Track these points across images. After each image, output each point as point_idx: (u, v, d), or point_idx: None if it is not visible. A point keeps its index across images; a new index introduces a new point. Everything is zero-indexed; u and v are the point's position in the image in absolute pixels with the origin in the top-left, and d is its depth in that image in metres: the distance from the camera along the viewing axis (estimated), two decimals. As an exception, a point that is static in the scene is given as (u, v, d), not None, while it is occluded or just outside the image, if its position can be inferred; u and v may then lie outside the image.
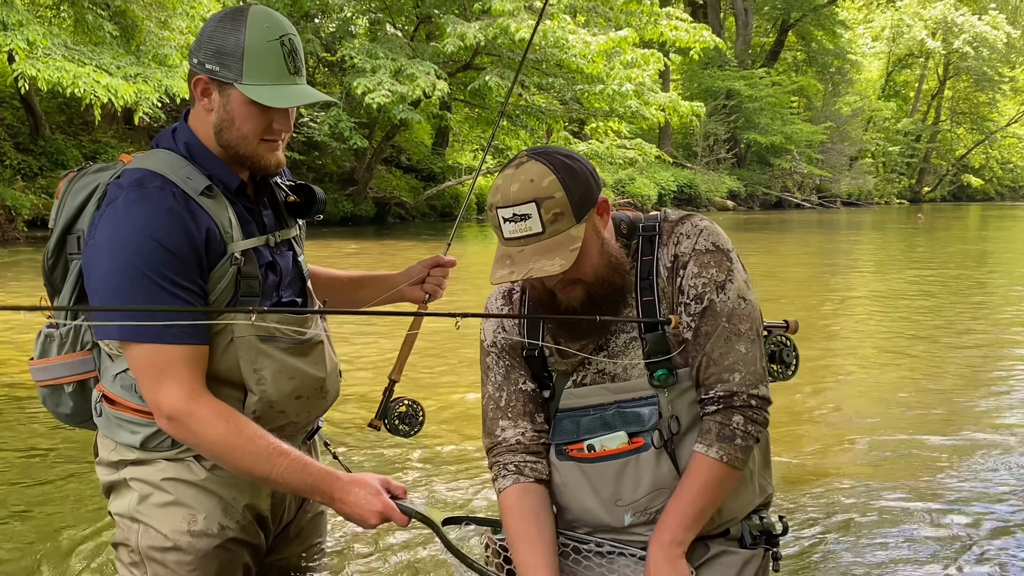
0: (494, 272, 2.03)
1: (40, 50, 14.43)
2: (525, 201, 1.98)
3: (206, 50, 2.06)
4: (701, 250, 2.13)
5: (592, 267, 2.07)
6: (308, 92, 2.10)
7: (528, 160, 2.03)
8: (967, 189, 64.56)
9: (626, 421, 2.15)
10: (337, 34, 24.98)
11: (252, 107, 2.05)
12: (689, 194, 37.06)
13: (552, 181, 1.99)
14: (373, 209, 26.00)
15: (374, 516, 2.02)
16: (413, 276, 2.63)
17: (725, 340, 2.10)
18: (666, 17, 24.26)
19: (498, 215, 2.02)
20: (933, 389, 6.65)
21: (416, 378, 6.39)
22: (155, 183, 2.03)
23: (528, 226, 1.98)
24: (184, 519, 2.11)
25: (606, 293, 2.11)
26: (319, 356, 2.23)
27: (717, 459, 2.06)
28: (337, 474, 2.06)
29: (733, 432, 2.08)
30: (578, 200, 2.01)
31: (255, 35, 2.02)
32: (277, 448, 2.01)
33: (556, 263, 1.97)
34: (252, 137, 2.09)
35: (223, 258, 2.06)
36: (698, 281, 2.12)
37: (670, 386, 2.14)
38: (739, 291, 2.13)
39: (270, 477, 2.01)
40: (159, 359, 1.98)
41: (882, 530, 3.92)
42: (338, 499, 2.04)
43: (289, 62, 2.06)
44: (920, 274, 15.19)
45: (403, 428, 2.44)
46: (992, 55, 55.24)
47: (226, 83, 2.05)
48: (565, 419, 2.22)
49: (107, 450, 2.19)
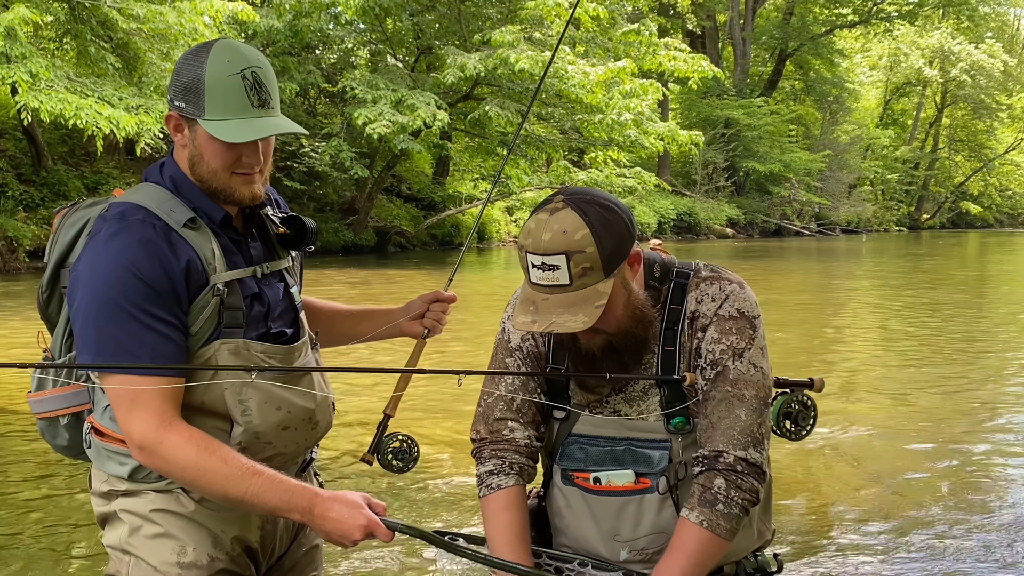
0: (516, 315, 2.01)
1: (43, 82, 14.54)
2: (556, 252, 1.94)
3: (174, 86, 2.07)
4: (724, 316, 2.10)
5: (616, 320, 2.05)
6: (271, 124, 2.07)
7: (564, 207, 1.98)
8: (966, 216, 64.62)
9: (636, 460, 2.14)
10: (338, 65, 25.16)
11: (217, 142, 2.05)
12: (688, 222, 37.13)
13: (585, 235, 1.95)
14: (374, 238, 26.06)
15: (358, 531, 1.97)
16: (412, 311, 2.62)
17: (727, 405, 2.07)
18: (664, 47, 24.43)
19: (527, 259, 1.99)
20: (936, 421, 6.64)
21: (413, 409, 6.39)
22: (137, 216, 2.05)
23: (556, 276, 1.96)
24: (173, 551, 2.10)
25: (627, 344, 2.10)
26: (308, 386, 2.22)
27: (697, 524, 2.02)
28: (316, 490, 2.02)
29: (715, 496, 2.03)
30: (609, 255, 1.97)
31: (215, 70, 2.02)
32: (251, 468, 1.98)
33: (579, 319, 1.95)
34: (222, 171, 2.09)
35: (204, 289, 2.06)
36: (716, 347, 2.09)
37: (685, 434, 2.13)
38: (752, 358, 2.10)
39: (245, 498, 1.97)
40: (131, 390, 1.98)
41: (884, 552, 3.91)
42: (318, 515, 1.98)
43: (252, 95, 2.03)
44: (922, 301, 15.18)
45: (396, 464, 2.42)
46: (989, 83, 55.48)
47: (192, 119, 2.06)
48: (574, 445, 2.21)
49: (99, 481, 2.20)
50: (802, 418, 2.36)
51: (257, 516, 2.21)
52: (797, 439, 2.37)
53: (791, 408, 2.35)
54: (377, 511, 2.02)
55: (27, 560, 3.90)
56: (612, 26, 24.58)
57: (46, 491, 4.80)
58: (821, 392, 2.39)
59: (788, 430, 2.36)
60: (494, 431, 2.25)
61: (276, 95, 2.13)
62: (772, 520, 2.33)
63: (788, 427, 2.36)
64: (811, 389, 2.40)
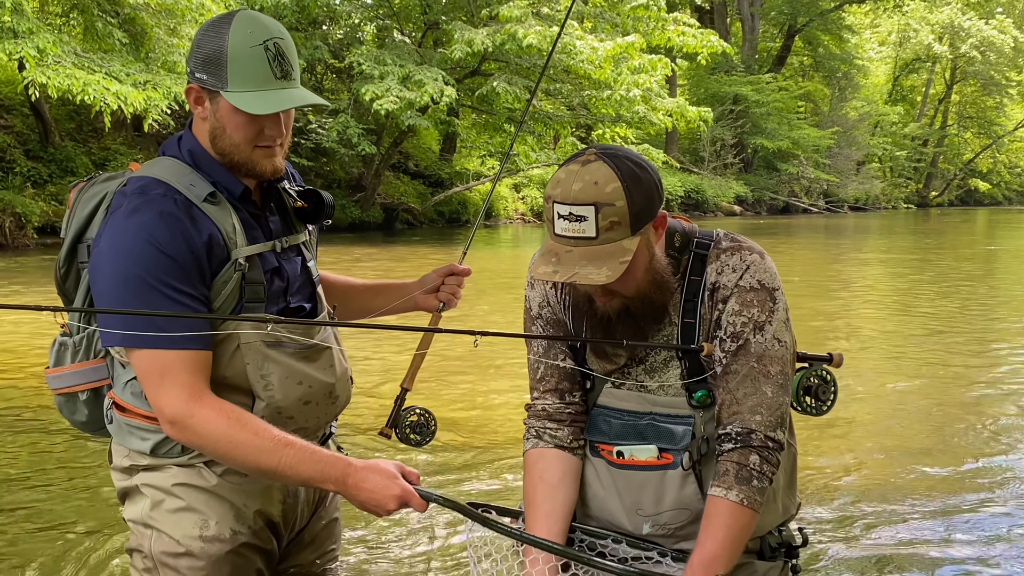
0: (537, 266, 1.98)
1: (50, 58, 14.49)
2: (585, 203, 1.91)
3: (195, 58, 2.06)
4: (745, 287, 2.07)
5: (635, 283, 2.02)
6: (295, 95, 2.07)
7: (596, 160, 1.95)
8: (975, 193, 64.35)
9: (659, 435, 2.13)
10: (345, 41, 25.03)
11: (240, 115, 2.04)
12: (696, 199, 37.01)
13: (616, 188, 1.92)
14: (381, 215, 26.03)
15: (392, 501, 1.97)
16: (427, 284, 2.62)
17: (752, 381, 2.06)
18: (673, 23, 24.24)
19: (554, 209, 1.95)
20: (949, 398, 6.64)
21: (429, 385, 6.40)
22: (157, 190, 2.04)
23: (582, 228, 1.92)
24: (196, 524, 2.12)
25: (645, 309, 2.07)
26: (328, 361, 2.23)
27: (738, 503, 2.00)
28: (350, 460, 2.02)
29: (750, 473, 2.02)
30: (638, 212, 1.94)
31: (238, 41, 2.01)
32: (283, 439, 1.99)
33: (603, 273, 1.91)
34: (244, 144, 2.08)
35: (226, 264, 2.06)
36: (737, 320, 2.07)
37: (708, 408, 2.12)
38: (776, 332, 2.08)
39: (278, 469, 1.98)
40: (160, 364, 1.98)
41: (897, 541, 3.92)
42: (352, 485, 1.99)
43: (275, 66, 2.03)
44: (932, 278, 15.14)
45: (414, 437, 2.43)
46: (999, 59, 55.07)
47: (214, 91, 2.05)
48: (599, 416, 2.20)
49: (120, 456, 2.21)
50: (823, 393, 2.34)
51: (279, 490, 2.22)
52: (818, 414, 2.35)
53: (811, 383, 2.33)
54: (411, 480, 2.03)
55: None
56: (621, 1, 24.39)
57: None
58: (840, 367, 2.38)
59: (809, 406, 2.34)
60: (529, 402, 2.29)
61: (297, 67, 2.13)
62: (797, 494, 2.32)
63: (809, 403, 2.34)
64: (831, 364, 2.38)
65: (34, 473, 4.66)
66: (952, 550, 3.78)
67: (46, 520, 4.02)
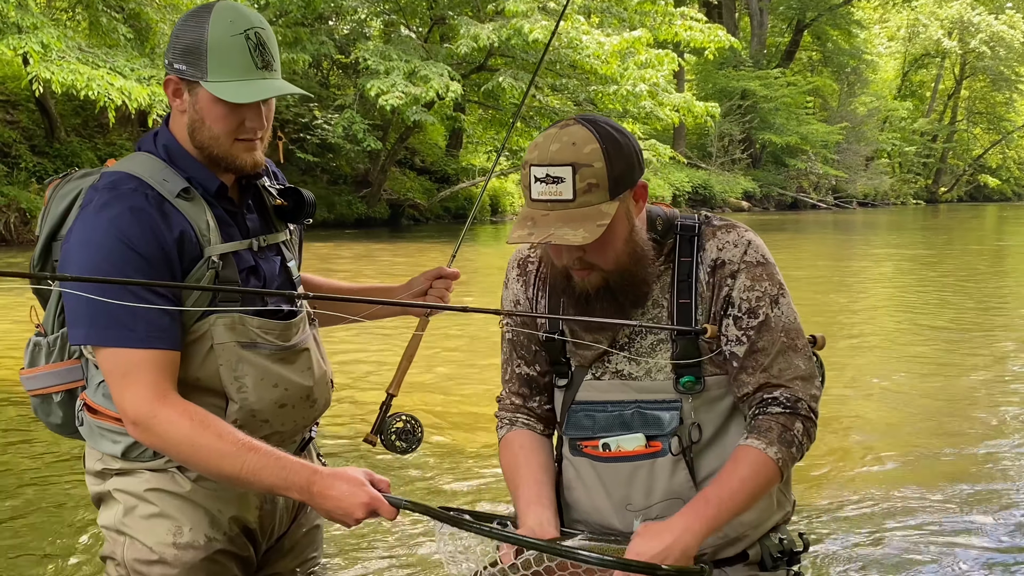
0: (512, 231, 1.92)
1: (54, 53, 14.49)
2: (562, 163, 1.87)
3: (174, 49, 2.02)
4: (752, 262, 2.05)
5: (615, 254, 1.97)
6: (277, 85, 2.03)
7: (575, 124, 1.92)
8: (984, 189, 64.07)
9: (645, 423, 2.07)
10: (351, 36, 24.99)
11: (220, 105, 1.99)
12: (704, 195, 36.91)
13: (595, 149, 1.88)
14: (387, 211, 26.00)
15: (360, 509, 1.90)
16: (415, 288, 2.57)
17: (784, 356, 2.03)
18: (680, 17, 24.15)
19: (531, 172, 1.91)
20: (954, 393, 6.57)
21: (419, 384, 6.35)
22: (129, 185, 2.00)
23: (559, 190, 1.88)
24: (169, 531, 2.06)
25: (624, 284, 2.01)
26: (305, 363, 2.17)
27: (774, 460, 1.96)
28: (315, 467, 1.96)
29: (793, 438, 1.99)
30: (616, 176, 1.90)
31: (218, 30, 1.96)
32: (247, 444, 1.93)
33: (579, 234, 1.86)
34: (224, 137, 2.03)
35: (199, 262, 2.01)
36: (751, 295, 2.04)
37: (696, 393, 2.05)
38: (790, 304, 2.08)
39: (241, 475, 1.92)
40: (124, 363, 1.93)
41: (902, 539, 3.87)
42: (318, 493, 1.92)
43: (256, 56, 1.98)
44: (939, 275, 15.06)
45: (400, 444, 2.36)
46: (1009, 54, 54.79)
47: (193, 82, 2.00)
48: (581, 412, 2.13)
49: (93, 460, 2.16)
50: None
51: (256, 496, 2.16)
52: None
53: None
54: (380, 487, 1.96)
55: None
56: (628, -4, 24.30)
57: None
58: (823, 349, 2.33)
59: None
60: (500, 396, 2.30)
61: (278, 58, 2.08)
62: (791, 492, 2.25)
63: None
64: (814, 347, 2.32)
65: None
66: (960, 551, 3.72)
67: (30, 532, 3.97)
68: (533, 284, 2.20)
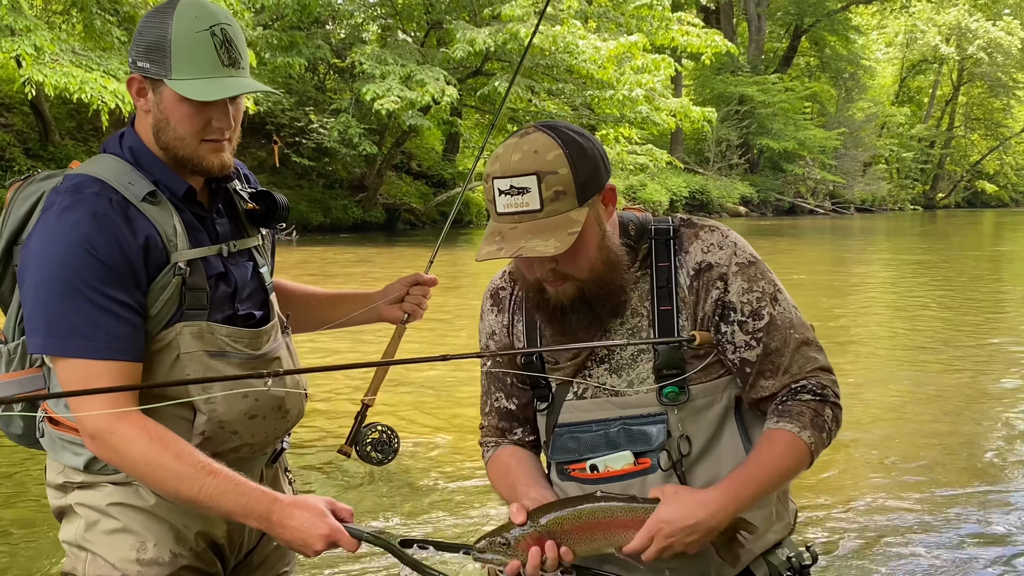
0: (481, 249, 1.83)
1: (47, 55, 14.42)
2: (525, 173, 1.80)
3: (137, 47, 1.93)
4: (744, 263, 1.97)
5: (588, 261, 1.88)
6: (244, 83, 1.94)
7: (535, 131, 1.85)
8: (981, 195, 64.11)
9: (632, 439, 1.97)
10: (348, 40, 24.96)
11: (185, 104, 1.91)
12: (701, 200, 36.87)
13: (558, 155, 1.81)
14: (383, 215, 25.94)
15: (320, 541, 1.83)
16: (391, 295, 2.49)
17: (799, 351, 1.97)
18: (677, 22, 24.14)
19: (494, 186, 1.83)
20: (957, 396, 6.52)
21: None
22: (91, 189, 1.91)
23: (525, 201, 1.80)
24: (133, 547, 1.98)
25: (600, 293, 1.92)
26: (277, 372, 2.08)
27: (807, 443, 1.90)
28: (276, 495, 1.88)
29: (824, 423, 1.94)
30: (583, 181, 1.82)
31: (183, 26, 1.88)
32: (207, 467, 1.84)
33: (551, 244, 1.78)
34: (190, 137, 1.94)
35: (165, 268, 1.93)
36: (751, 296, 1.96)
37: (681, 404, 1.96)
38: (789, 300, 2.01)
39: (198, 499, 1.84)
40: (83, 375, 1.85)
41: (898, 544, 3.82)
42: (277, 523, 1.84)
43: (222, 53, 1.90)
44: (938, 280, 15.01)
45: (375, 456, 2.28)
46: (1006, 60, 54.87)
47: (157, 80, 1.92)
48: (565, 435, 2.04)
49: (54, 472, 2.07)
50: None
51: (223, 511, 2.08)
52: None
53: None
54: (342, 517, 1.88)
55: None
56: (624, 0, 24.28)
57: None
58: None
59: None
60: (482, 424, 2.23)
61: (246, 55, 1.99)
62: (791, 501, 2.12)
63: None
64: None
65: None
66: (960, 551, 3.66)
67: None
68: (508, 310, 2.13)
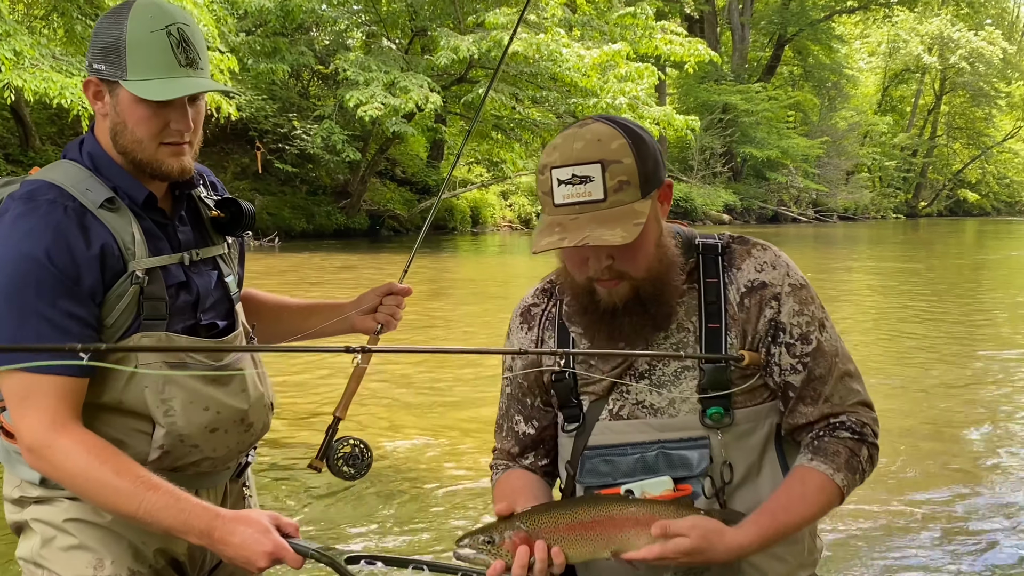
0: (537, 240, 1.74)
1: (27, 60, 14.30)
2: (589, 161, 1.71)
3: (93, 49, 1.90)
4: (796, 285, 1.90)
5: (647, 259, 1.79)
6: (202, 83, 1.90)
7: (594, 122, 1.78)
8: (963, 204, 64.49)
9: (671, 465, 1.85)
10: (331, 47, 24.90)
11: (142, 106, 1.87)
12: (685, 208, 36.91)
13: (622, 145, 1.73)
14: (367, 222, 25.86)
15: (263, 558, 1.78)
16: (364, 305, 2.42)
17: (841, 381, 1.89)
18: (661, 31, 24.20)
19: (552, 177, 1.73)
20: (933, 401, 6.52)
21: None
22: (47, 196, 1.87)
23: (588, 191, 1.71)
24: (90, 564, 1.92)
25: (656, 293, 1.82)
26: (240, 385, 2.03)
27: (840, 487, 1.83)
28: (217, 511, 1.84)
29: (859, 465, 1.86)
30: (647, 172, 1.74)
31: (137, 26, 1.84)
32: (147, 482, 1.80)
33: (616, 234, 1.69)
34: (148, 141, 1.90)
35: (122, 276, 1.88)
36: (801, 320, 1.88)
37: (725, 427, 1.85)
38: (834, 328, 1.94)
39: (137, 515, 1.79)
40: (24, 387, 1.81)
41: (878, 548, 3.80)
42: (219, 539, 1.79)
43: (179, 53, 1.86)
44: (920, 287, 15.06)
45: (347, 470, 2.22)
46: (988, 70, 55.22)
47: (113, 82, 1.88)
48: (597, 458, 1.91)
49: (11, 487, 2.02)
50: None
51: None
52: None
53: None
54: (288, 532, 1.83)
55: None
56: (608, 9, 24.33)
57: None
58: None
59: None
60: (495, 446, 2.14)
61: (206, 56, 1.95)
62: (819, 536, 2.01)
63: None
64: None
65: None
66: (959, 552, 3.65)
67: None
68: (539, 326, 2.02)
